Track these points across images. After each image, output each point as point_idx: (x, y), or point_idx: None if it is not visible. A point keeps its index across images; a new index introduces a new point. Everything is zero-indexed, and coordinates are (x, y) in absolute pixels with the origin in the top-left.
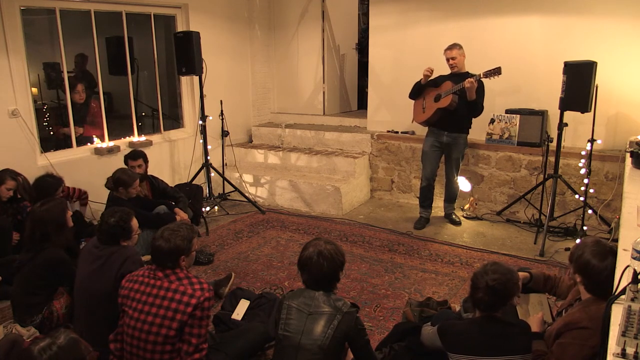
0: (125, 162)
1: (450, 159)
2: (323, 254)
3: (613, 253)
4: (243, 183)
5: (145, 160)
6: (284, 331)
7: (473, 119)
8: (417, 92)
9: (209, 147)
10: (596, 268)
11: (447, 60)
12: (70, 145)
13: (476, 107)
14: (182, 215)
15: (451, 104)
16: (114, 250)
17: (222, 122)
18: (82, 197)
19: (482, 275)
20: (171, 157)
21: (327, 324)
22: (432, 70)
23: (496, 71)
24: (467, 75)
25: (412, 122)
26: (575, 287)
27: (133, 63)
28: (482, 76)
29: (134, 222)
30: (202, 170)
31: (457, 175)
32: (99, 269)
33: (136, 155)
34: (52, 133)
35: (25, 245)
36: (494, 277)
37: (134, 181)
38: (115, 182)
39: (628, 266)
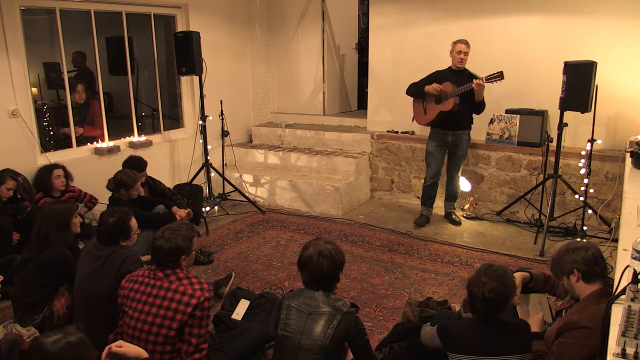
0: None
1: (454, 156)
2: (323, 253)
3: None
4: (243, 183)
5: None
6: (284, 331)
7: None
8: (417, 93)
9: (209, 147)
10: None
11: (458, 52)
12: (70, 145)
13: (480, 106)
14: (181, 213)
15: (454, 107)
16: (113, 250)
17: (222, 122)
18: (90, 200)
19: (479, 287)
20: (171, 157)
21: (326, 324)
22: (441, 90)
23: (498, 75)
24: (465, 72)
25: (413, 121)
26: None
27: (133, 63)
28: (484, 81)
29: (133, 222)
30: (202, 170)
31: (459, 173)
32: (99, 269)
33: (141, 167)
34: (52, 133)
35: (31, 242)
36: (490, 287)
37: (136, 183)
38: (117, 184)
39: (628, 266)
